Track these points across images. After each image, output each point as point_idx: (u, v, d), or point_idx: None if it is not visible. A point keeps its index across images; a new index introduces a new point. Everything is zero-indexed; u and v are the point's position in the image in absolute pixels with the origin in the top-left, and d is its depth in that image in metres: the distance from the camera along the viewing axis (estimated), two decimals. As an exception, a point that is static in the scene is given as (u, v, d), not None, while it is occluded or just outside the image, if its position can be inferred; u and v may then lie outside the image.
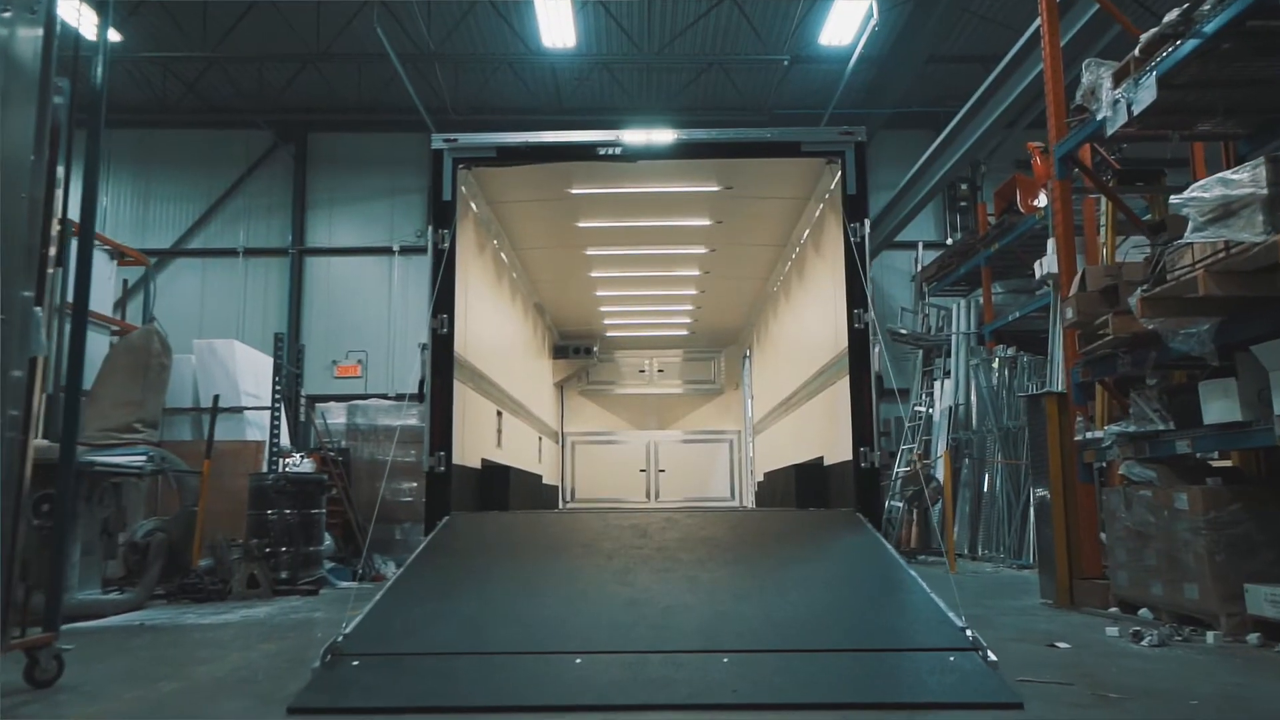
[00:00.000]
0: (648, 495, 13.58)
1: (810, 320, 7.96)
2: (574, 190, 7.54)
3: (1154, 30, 5.77)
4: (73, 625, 5.97)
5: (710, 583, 4.73)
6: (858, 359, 6.06)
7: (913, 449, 13.75)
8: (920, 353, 15.69)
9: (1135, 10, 12.43)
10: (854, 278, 6.04)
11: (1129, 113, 6.11)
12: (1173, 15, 5.54)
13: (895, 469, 13.53)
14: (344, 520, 10.07)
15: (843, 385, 6.30)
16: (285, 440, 10.29)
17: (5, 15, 3.76)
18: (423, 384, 6.42)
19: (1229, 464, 6.66)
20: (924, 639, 4.08)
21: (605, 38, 16.72)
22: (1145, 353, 6.00)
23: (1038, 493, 7.43)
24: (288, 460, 10.08)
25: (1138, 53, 6.02)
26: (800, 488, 7.82)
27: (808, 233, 8.04)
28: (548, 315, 11.86)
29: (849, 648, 4.00)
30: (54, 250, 4.08)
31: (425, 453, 6.08)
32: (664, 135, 6.53)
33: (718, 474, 13.70)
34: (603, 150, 6.42)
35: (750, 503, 12.81)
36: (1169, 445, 5.87)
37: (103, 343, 10.12)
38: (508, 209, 7.96)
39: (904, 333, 16.21)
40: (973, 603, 6.77)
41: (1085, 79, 6.65)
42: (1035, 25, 9.21)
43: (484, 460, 7.58)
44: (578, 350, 12.95)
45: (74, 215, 4.55)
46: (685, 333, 12.93)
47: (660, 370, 14.00)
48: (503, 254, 8.71)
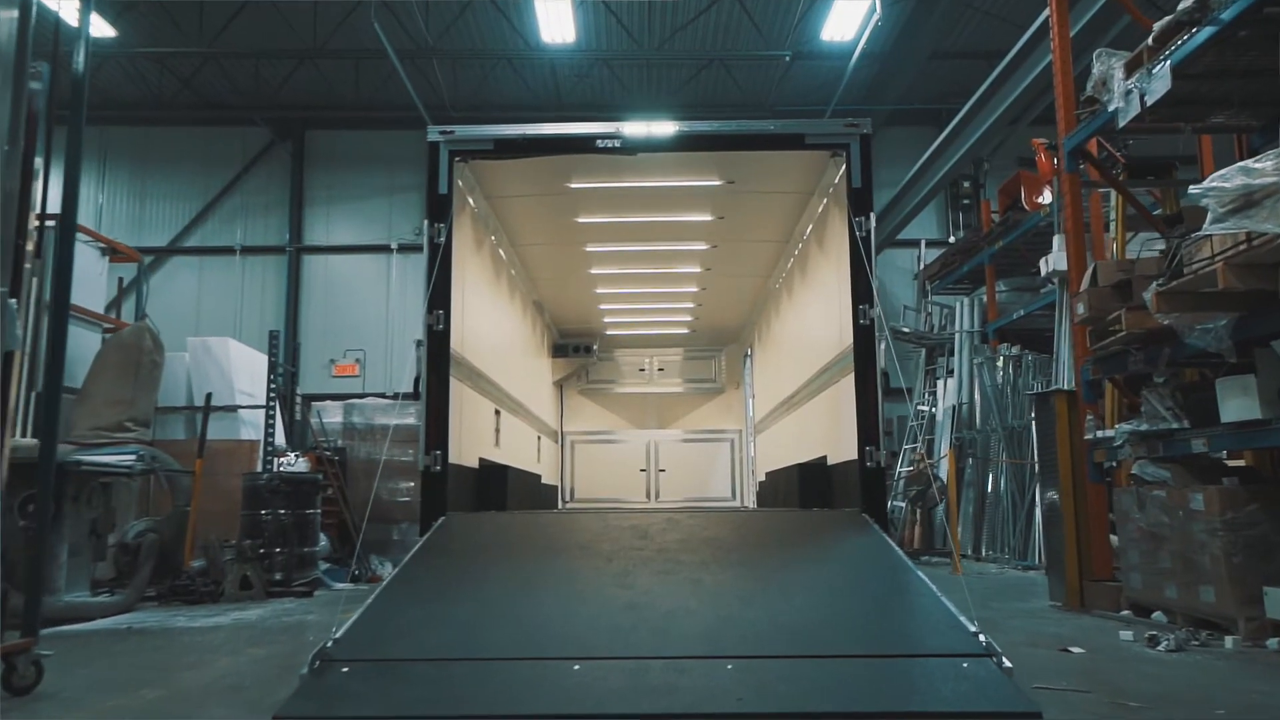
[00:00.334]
0: (648, 495, 13.44)
1: (813, 317, 7.82)
2: (573, 185, 7.40)
3: (1168, 18, 5.62)
4: (58, 629, 5.83)
5: (713, 585, 4.57)
6: (863, 355, 5.91)
7: (916, 448, 13.62)
8: (923, 352, 15.60)
9: (1142, 4, 12.29)
10: (859, 272, 5.90)
11: (1142, 103, 5.96)
12: (1188, 2, 5.39)
13: (898, 469, 13.41)
14: (340, 521, 9.95)
15: (847, 383, 6.16)
16: (280, 439, 10.16)
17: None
18: (418, 381, 6.29)
19: (1242, 463, 6.53)
20: (935, 644, 3.92)
21: (605, 33, 16.58)
22: (1159, 349, 5.86)
23: (1047, 493, 7.29)
24: (283, 459, 9.95)
25: (1151, 41, 5.87)
26: (803, 487, 7.69)
27: (811, 228, 7.90)
28: (547, 313, 11.72)
29: (858, 654, 3.83)
30: (32, 244, 3.93)
31: (421, 451, 5.95)
32: (664, 127, 6.36)
33: (718, 474, 13.56)
34: (602, 142, 6.26)
35: (751, 503, 12.66)
36: (1183, 444, 5.73)
37: (95, 341, 9.98)
38: (506, 204, 7.82)
39: (906, 331, 16.11)
40: (980, 605, 6.59)
41: (1096, 69, 6.50)
42: (1043, 17, 9.07)
43: (481, 459, 7.44)
44: (577, 348, 12.81)
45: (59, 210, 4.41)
46: (686, 331, 12.80)
47: (660, 369, 13.85)
48: (501, 250, 8.57)
